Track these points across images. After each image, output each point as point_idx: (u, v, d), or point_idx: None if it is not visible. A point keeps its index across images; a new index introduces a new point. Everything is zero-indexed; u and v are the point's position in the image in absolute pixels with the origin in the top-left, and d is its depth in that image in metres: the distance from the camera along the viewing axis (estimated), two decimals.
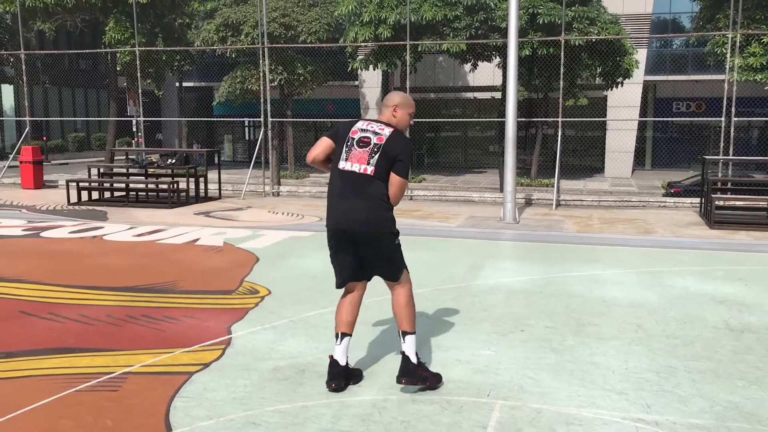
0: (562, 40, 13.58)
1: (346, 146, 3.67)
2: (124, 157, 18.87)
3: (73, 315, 5.22)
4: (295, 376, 4.00)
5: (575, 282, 6.46)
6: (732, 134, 12.72)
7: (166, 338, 4.69)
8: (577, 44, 15.33)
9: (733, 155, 13.29)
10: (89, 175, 13.51)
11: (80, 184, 12.80)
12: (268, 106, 14.66)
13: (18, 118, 23.27)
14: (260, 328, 4.94)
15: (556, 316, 5.32)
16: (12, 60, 23.51)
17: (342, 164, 3.65)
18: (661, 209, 12.36)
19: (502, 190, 12.11)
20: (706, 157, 11.74)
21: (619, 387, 3.89)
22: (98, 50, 20.85)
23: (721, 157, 12.87)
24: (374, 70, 19.27)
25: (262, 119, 14.71)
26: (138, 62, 16.40)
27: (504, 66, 15.14)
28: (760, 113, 19.80)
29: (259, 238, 8.81)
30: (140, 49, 16.85)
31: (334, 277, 3.87)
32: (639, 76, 19.94)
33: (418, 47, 16.61)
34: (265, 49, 14.91)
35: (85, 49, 23.99)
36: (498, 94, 18.67)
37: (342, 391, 3.75)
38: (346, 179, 3.63)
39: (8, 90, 30.03)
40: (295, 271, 6.84)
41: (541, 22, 15.36)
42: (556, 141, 13.63)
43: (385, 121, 3.77)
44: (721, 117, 12.93)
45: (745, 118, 15.64)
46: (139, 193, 13.27)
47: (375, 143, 3.62)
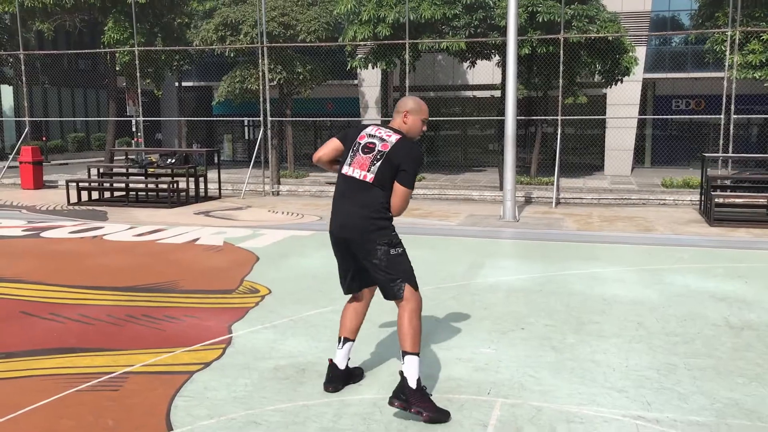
0: (561, 38, 13.58)
1: (352, 151, 3.61)
2: (124, 157, 18.85)
3: (74, 315, 5.22)
4: (296, 375, 4.00)
5: (575, 280, 6.47)
6: (731, 131, 12.73)
7: (166, 338, 4.69)
8: (577, 42, 15.32)
9: (733, 152, 13.29)
10: (89, 175, 13.52)
11: (80, 184, 12.81)
12: (268, 105, 14.66)
13: (17, 119, 23.26)
14: (261, 327, 4.95)
15: (557, 314, 5.32)
16: (11, 60, 23.49)
17: (345, 169, 3.61)
18: (661, 207, 12.36)
19: (501, 188, 12.10)
20: (706, 155, 11.74)
21: (619, 385, 3.89)
22: (97, 50, 20.83)
23: (720, 155, 12.87)
24: (373, 68, 19.24)
25: (261, 118, 14.71)
26: (137, 62, 16.40)
27: (503, 64, 15.12)
28: (760, 110, 19.78)
29: (259, 237, 8.82)
30: (139, 48, 16.85)
31: (336, 280, 3.85)
32: (638, 73, 19.90)
33: (417, 46, 16.60)
34: (264, 49, 14.91)
35: (84, 49, 23.97)
36: (497, 93, 18.64)
37: (339, 391, 3.75)
38: (346, 184, 3.59)
39: (7, 90, 29.99)
40: (296, 270, 6.84)
41: (540, 21, 15.34)
42: (556, 139, 13.63)
43: (396, 128, 3.66)
44: (720, 114, 12.93)
45: (745, 116, 15.63)
46: (139, 193, 13.29)
47: (379, 150, 3.52)
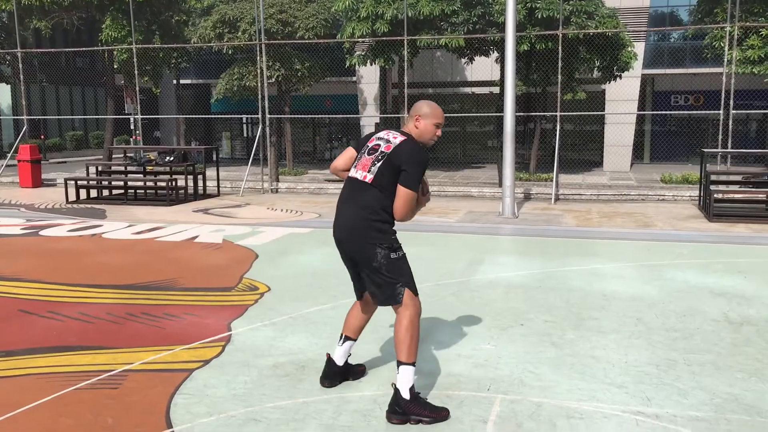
0: (560, 34, 13.56)
1: (360, 154, 3.61)
2: (123, 155, 18.81)
3: (73, 313, 5.21)
4: (295, 373, 4.00)
5: (575, 276, 6.47)
6: (730, 127, 12.73)
7: (166, 335, 4.69)
8: (575, 38, 15.31)
9: (732, 148, 13.29)
10: (87, 174, 13.51)
11: (78, 183, 12.80)
12: (266, 102, 14.65)
13: (15, 117, 23.21)
14: (260, 324, 4.94)
15: (556, 310, 5.32)
16: (9, 58, 23.44)
17: (351, 171, 3.61)
18: (660, 202, 12.36)
19: (500, 185, 12.09)
20: (705, 150, 11.74)
21: (619, 380, 3.89)
22: (95, 48, 20.80)
23: (719, 150, 12.87)
24: (372, 65, 19.21)
25: (260, 116, 14.70)
26: (135, 60, 16.38)
27: (502, 61, 15.11)
28: (759, 106, 19.79)
29: (258, 234, 8.81)
30: (137, 46, 16.82)
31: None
32: (637, 69, 19.87)
33: (415, 42, 16.58)
34: (263, 46, 14.89)
35: (82, 47, 23.89)
36: (496, 89, 18.63)
37: (334, 387, 3.77)
38: (350, 186, 3.57)
39: (5, 89, 29.91)
40: (295, 267, 6.84)
41: (539, 17, 15.32)
42: (555, 135, 13.62)
43: (406, 132, 3.59)
44: (719, 110, 12.93)
45: (744, 111, 15.64)
46: (138, 191, 13.28)
47: (382, 151, 3.48)
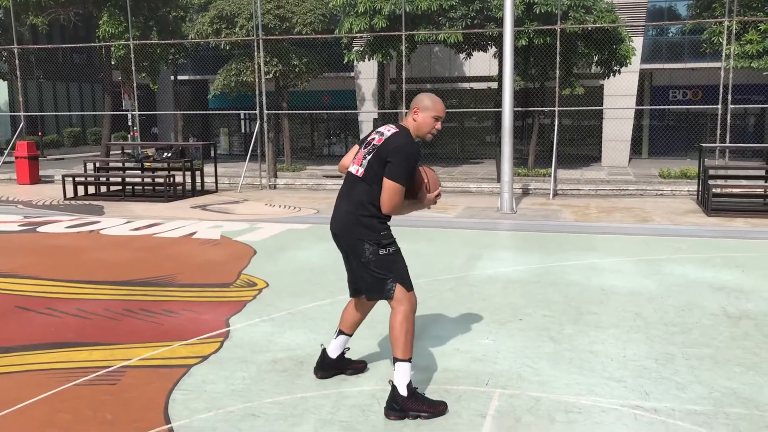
0: (558, 29, 13.54)
1: (360, 149, 3.58)
2: (120, 152, 18.77)
3: (71, 309, 5.21)
4: (294, 368, 4.00)
5: (573, 271, 6.47)
6: (728, 121, 12.72)
7: (164, 331, 4.69)
8: (574, 33, 15.28)
9: (730, 142, 13.29)
10: (85, 170, 13.49)
11: (76, 179, 12.77)
12: (264, 98, 14.62)
13: (12, 114, 23.19)
14: (258, 320, 4.94)
15: (555, 305, 5.33)
16: (5, 55, 23.37)
17: (350, 166, 3.61)
18: (659, 197, 12.36)
19: (499, 180, 12.08)
20: (703, 145, 11.73)
21: (617, 375, 3.90)
22: (92, 44, 20.72)
23: (718, 145, 12.87)
24: (370, 61, 19.17)
25: (257, 112, 14.66)
26: (132, 56, 16.33)
27: (500, 56, 15.07)
28: (757, 100, 19.78)
29: (256, 230, 8.80)
30: (134, 42, 16.77)
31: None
32: (635, 64, 19.85)
33: (413, 37, 16.54)
34: (260, 41, 14.85)
35: (79, 43, 23.78)
36: (494, 84, 18.61)
37: (327, 378, 3.80)
38: (346, 181, 3.58)
39: (2, 85, 29.85)
40: (293, 263, 6.83)
41: (537, 12, 15.28)
42: (553, 130, 13.60)
43: (403, 125, 3.53)
44: (717, 104, 12.92)
45: (742, 105, 15.63)
46: (136, 187, 13.26)
47: (374, 144, 3.45)
